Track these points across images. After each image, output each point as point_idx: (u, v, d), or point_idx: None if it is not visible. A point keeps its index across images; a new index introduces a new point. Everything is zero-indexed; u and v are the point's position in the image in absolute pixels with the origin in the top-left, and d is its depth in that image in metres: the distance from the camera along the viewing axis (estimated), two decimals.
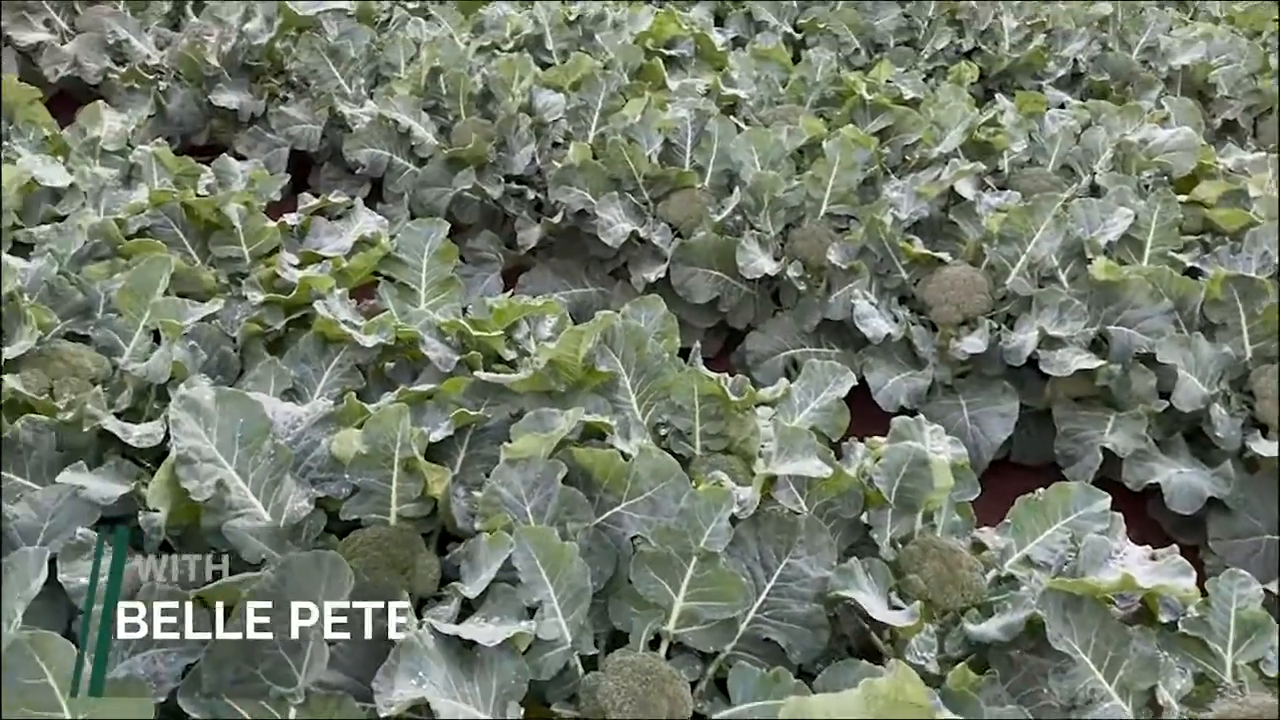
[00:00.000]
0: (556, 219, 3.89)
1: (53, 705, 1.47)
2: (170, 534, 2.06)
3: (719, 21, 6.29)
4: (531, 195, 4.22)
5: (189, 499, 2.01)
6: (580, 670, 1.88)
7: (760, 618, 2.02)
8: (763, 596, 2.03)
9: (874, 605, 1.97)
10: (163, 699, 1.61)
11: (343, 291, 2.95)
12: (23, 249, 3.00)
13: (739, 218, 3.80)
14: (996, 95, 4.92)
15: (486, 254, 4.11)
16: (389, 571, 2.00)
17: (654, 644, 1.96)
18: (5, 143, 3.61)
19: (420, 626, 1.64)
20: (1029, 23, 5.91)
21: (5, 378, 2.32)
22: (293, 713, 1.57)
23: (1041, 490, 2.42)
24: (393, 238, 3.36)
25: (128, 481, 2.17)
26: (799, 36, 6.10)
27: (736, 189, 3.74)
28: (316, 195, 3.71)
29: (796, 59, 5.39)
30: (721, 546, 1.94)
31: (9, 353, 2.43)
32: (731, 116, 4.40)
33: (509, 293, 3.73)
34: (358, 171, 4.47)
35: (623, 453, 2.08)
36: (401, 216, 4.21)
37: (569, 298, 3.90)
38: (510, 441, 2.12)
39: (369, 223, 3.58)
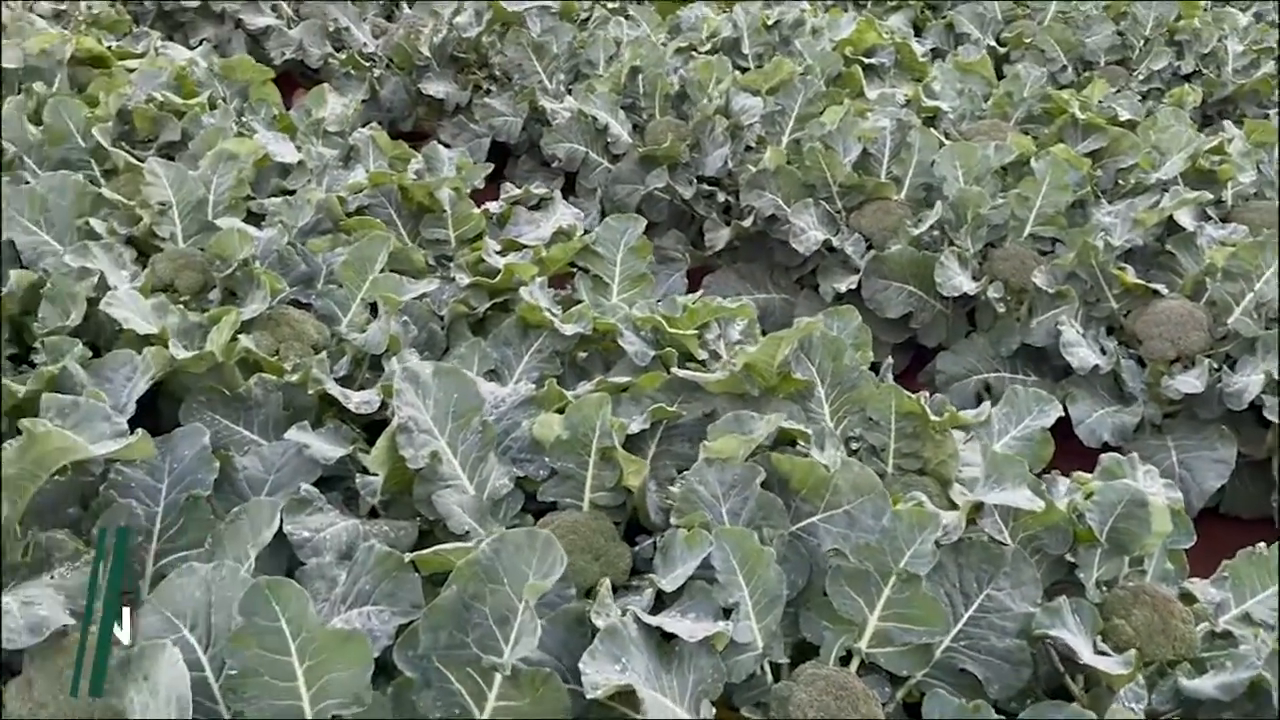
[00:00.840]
0: (747, 222, 3.88)
1: (283, 648, 1.56)
2: (379, 499, 2.16)
3: (918, 31, 6.15)
4: (722, 197, 4.23)
5: (404, 466, 2.10)
6: (769, 677, 1.86)
7: (956, 647, 1.95)
8: (959, 625, 1.96)
9: (1081, 648, 1.88)
10: (375, 654, 1.68)
11: (542, 279, 3.03)
12: (254, 219, 3.21)
13: (936, 233, 3.70)
14: (1224, 122, 4.61)
15: (673, 253, 4.14)
16: (584, 556, 2.03)
17: (844, 660, 1.93)
18: (241, 118, 3.87)
19: (624, 614, 1.66)
20: (1255, 47, 5.51)
21: (240, 336, 2.47)
22: (498, 684, 1.62)
23: (1264, 545, 2.26)
24: (588, 231, 3.43)
25: (346, 444, 2.30)
26: (1002, 50, 5.88)
27: (939, 203, 3.64)
28: (514, 186, 3.82)
29: (999, 74, 5.21)
30: (925, 569, 1.88)
31: (246, 313, 2.60)
32: (930, 129, 4.28)
33: (693, 294, 3.75)
34: (553, 165, 4.59)
35: (823, 464, 2.05)
36: (593, 211, 4.30)
37: (753, 303, 3.87)
38: (707, 440, 2.12)
39: (565, 215, 3.67)
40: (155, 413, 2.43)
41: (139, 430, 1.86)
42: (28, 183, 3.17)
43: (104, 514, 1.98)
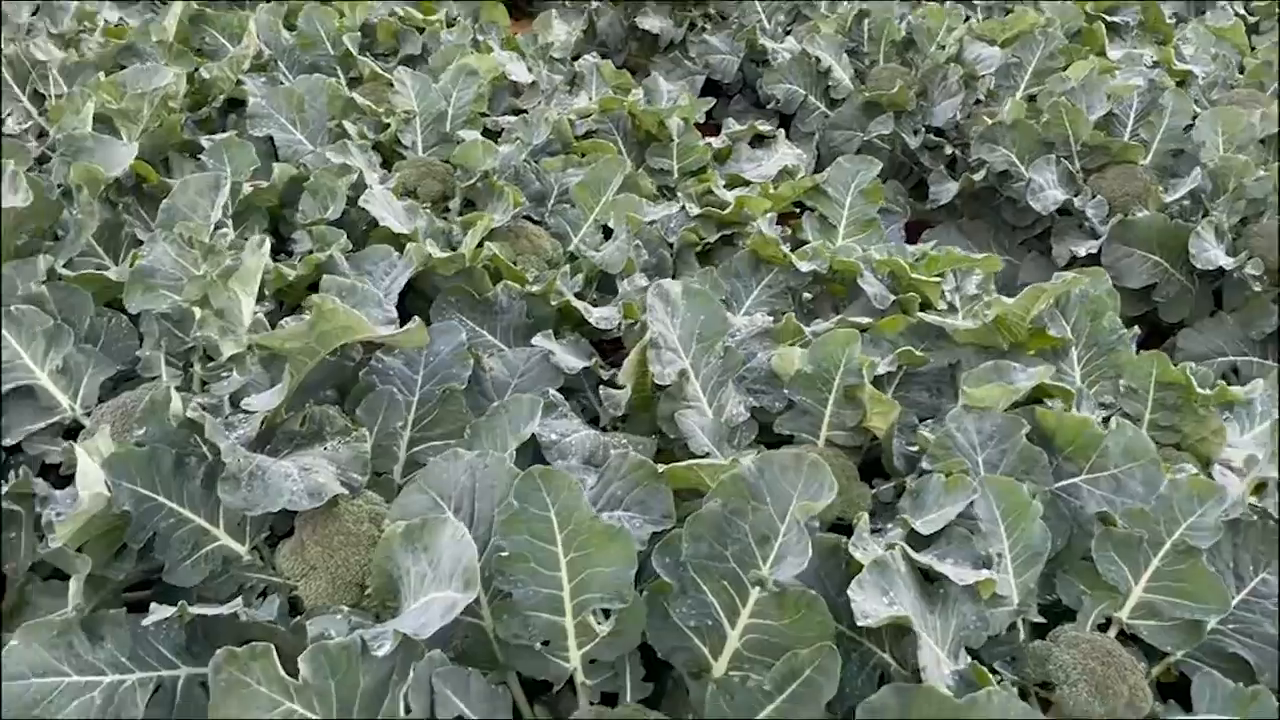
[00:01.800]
0: (978, 176, 3.70)
1: (549, 537, 1.58)
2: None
3: None
4: (948, 150, 4.04)
5: (645, 384, 2.09)
6: (1022, 635, 1.78)
7: (1223, 629, 1.82)
8: (1230, 607, 1.83)
9: None
10: None
11: (772, 215, 2.97)
12: (489, 135, 3.26)
13: (1187, 202, 3.44)
14: None
15: (892, 205, 3.99)
16: None
17: (1101, 628, 1.82)
18: (478, 37, 3.93)
19: (891, 549, 1.61)
20: None
21: (486, 244, 2.51)
22: (753, 600, 1.59)
23: None
24: (815, 172, 3.34)
25: (586, 357, 2.31)
26: (1253, 20, 5.41)
27: (1197, 171, 3.37)
28: (719, 127, 3.77)
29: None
30: (1207, 543, 1.76)
31: (496, 219, 2.64)
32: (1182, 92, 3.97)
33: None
34: (768, 106, 4.49)
35: (1096, 423, 1.93)
36: (808, 156, 4.19)
37: None
38: (966, 387, 2.03)
39: (788, 154, 3.59)
40: (400, 309, 2.51)
41: (415, 319, 1.91)
42: (282, 83, 3.31)
43: (366, 398, 2.05)
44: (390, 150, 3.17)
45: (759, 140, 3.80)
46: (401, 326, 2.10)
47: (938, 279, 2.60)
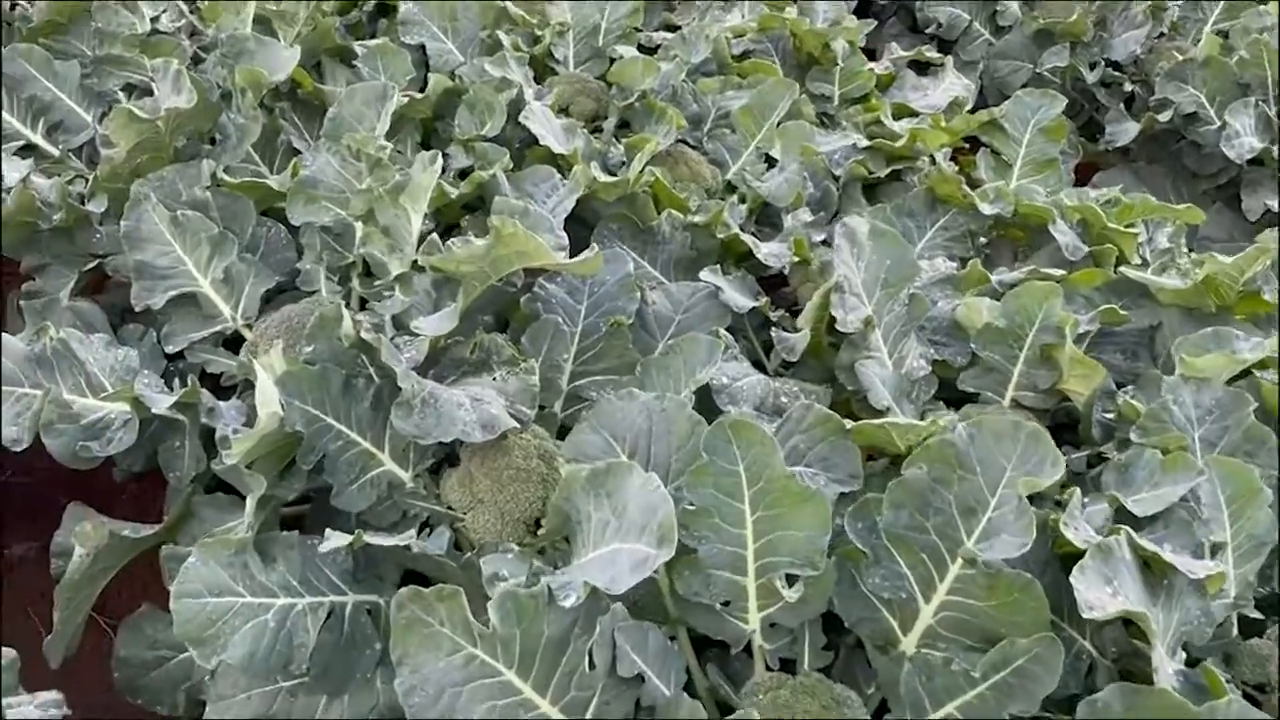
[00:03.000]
0: (1163, 116, 3.41)
1: (736, 493, 1.49)
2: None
3: None
4: (1128, 87, 3.73)
5: (825, 327, 1.97)
6: (1235, 630, 1.63)
7: None
8: None
9: None
10: None
11: (946, 150, 2.77)
12: (644, 51, 3.11)
13: None
14: None
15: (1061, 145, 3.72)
16: None
17: None
18: None
19: (1116, 535, 1.47)
20: None
21: (648, 168, 2.39)
22: (951, 576, 1.48)
23: None
24: (985, 105, 3.11)
25: (753, 295, 2.19)
26: None
27: None
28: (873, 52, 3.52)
29: None
30: None
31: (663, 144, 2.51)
32: None
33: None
34: (927, 30, 4.21)
35: None
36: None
37: None
38: (1183, 354, 1.85)
39: (955, 85, 3.35)
40: None
41: (592, 246, 1.80)
42: None
43: (531, 327, 1.97)
44: (542, 65, 3.05)
45: (922, 68, 3.56)
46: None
47: (1133, 230, 2.39)
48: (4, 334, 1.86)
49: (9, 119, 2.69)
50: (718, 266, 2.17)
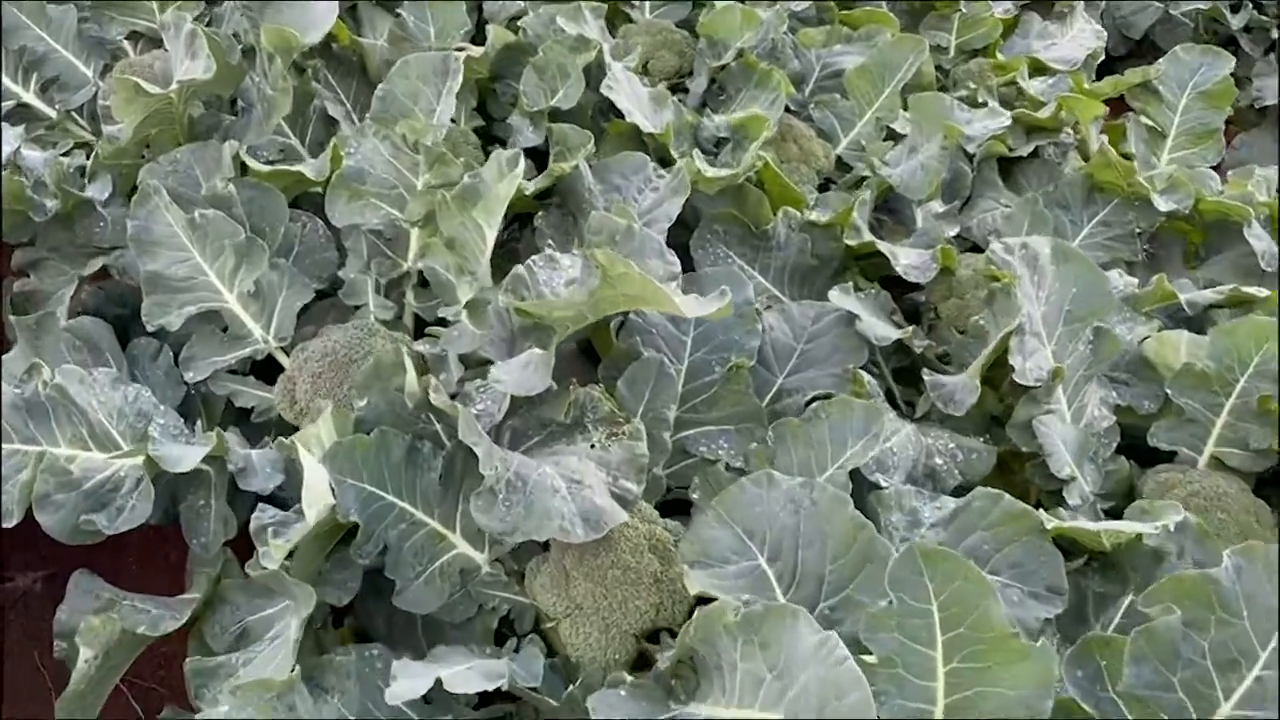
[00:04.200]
0: None
1: (926, 639, 1.14)
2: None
3: None
4: (1276, 33, 3.25)
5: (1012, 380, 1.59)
6: None
7: None
8: None
9: None
10: None
11: (1099, 122, 2.33)
12: None
13: None
14: None
15: None
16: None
17: None
18: None
19: None
20: None
21: (753, 150, 1.97)
22: None
23: None
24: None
25: (886, 317, 1.81)
26: None
27: None
28: None
29: None
30: None
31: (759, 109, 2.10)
32: None
33: None
34: None
35: None
36: None
37: None
38: None
39: (1086, 32, 2.88)
40: None
41: (722, 291, 1.41)
42: None
43: (630, 369, 1.60)
44: (615, 10, 2.61)
45: (1043, 7, 3.08)
46: None
47: None
48: None
49: None
50: (850, 285, 1.77)
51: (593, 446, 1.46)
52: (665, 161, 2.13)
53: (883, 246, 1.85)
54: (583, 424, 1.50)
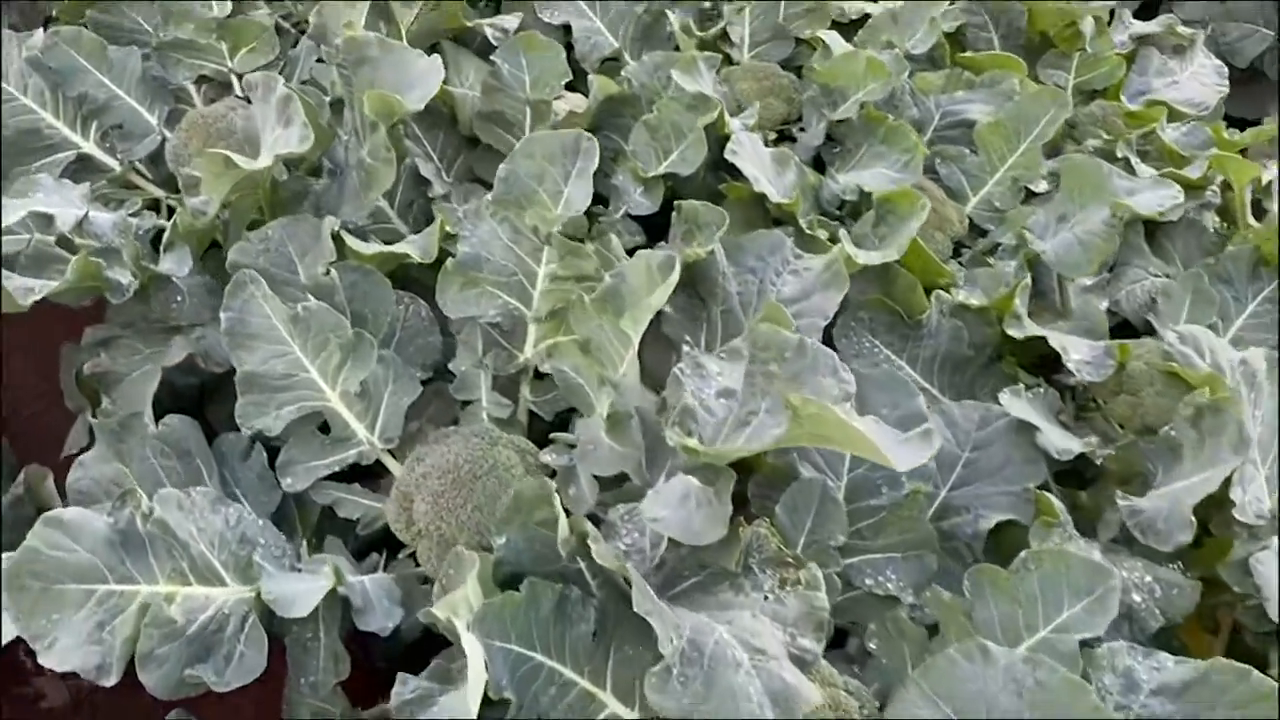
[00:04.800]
0: None
1: None
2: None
3: None
4: None
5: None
6: None
7: None
8: None
9: None
10: None
11: (1252, 184, 2.14)
12: (838, 30, 2.46)
13: None
14: None
15: None
16: None
17: None
18: None
19: None
20: None
21: (907, 233, 1.79)
22: None
23: None
24: None
25: (1054, 417, 1.63)
26: None
27: None
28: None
29: None
30: None
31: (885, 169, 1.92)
32: None
33: None
34: None
35: None
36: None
37: None
38: None
39: (1207, 69, 2.69)
40: None
41: (925, 428, 1.23)
42: None
43: (789, 491, 1.43)
44: (712, 46, 2.42)
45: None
46: None
47: None
48: (79, 508, 1.33)
49: (54, 123, 2.12)
50: (1020, 387, 1.60)
51: (765, 598, 1.28)
52: (779, 222, 1.96)
53: (1053, 340, 1.67)
54: (749, 567, 1.33)
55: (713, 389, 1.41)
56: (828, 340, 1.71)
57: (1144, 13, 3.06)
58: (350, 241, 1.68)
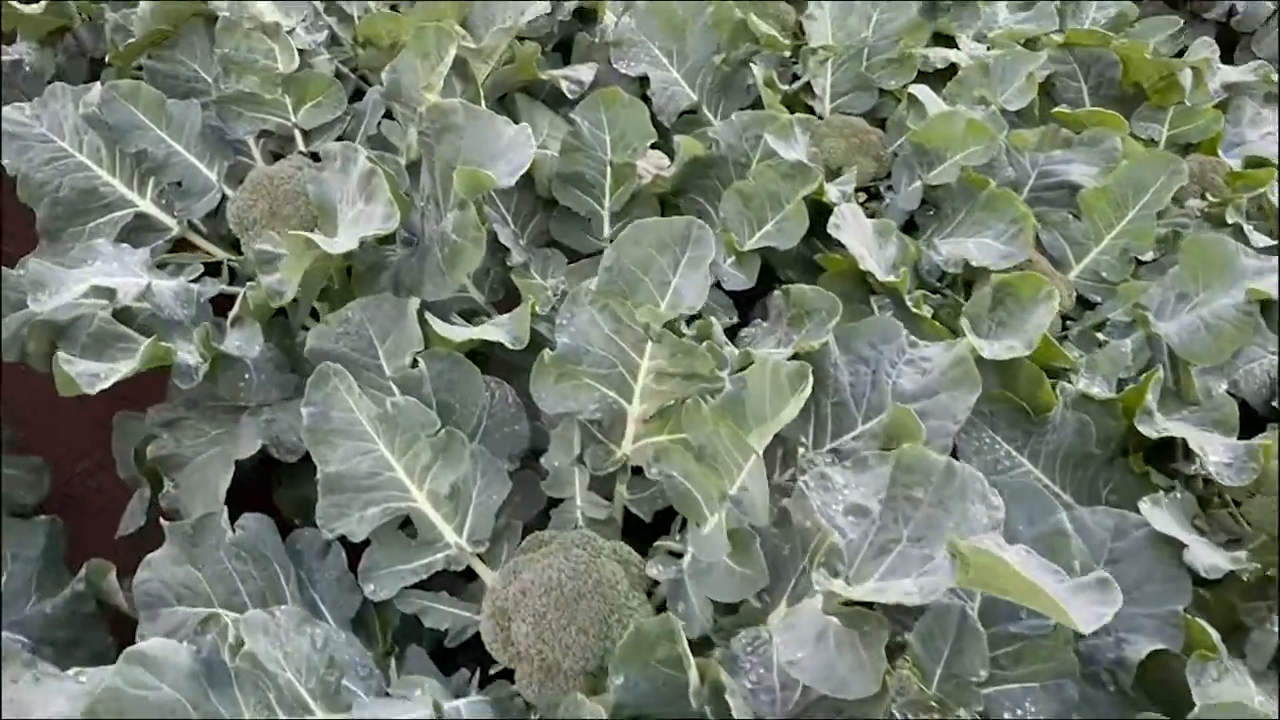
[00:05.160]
0: None
1: None
2: None
3: None
4: None
5: None
6: None
7: None
8: None
9: None
10: None
11: None
12: (924, 81, 2.34)
13: None
14: None
15: None
16: None
17: None
18: None
19: None
20: None
21: (1039, 327, 1.67)
22: None
23: None
24: None
25: (1198, 527, 1.51)
26: None
27: None
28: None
29: None
30: None
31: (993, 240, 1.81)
32: None
33: None
34: (1206, 17, 3.37)
35: None
36: None
37: None
38: None
39: None
40: None
41: (1103, 582, 1.12)
42: None
43: (923, 620, 1.31)
44: (793, 98, 2.31)
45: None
46: None
47: None
48: (161, 640, 1.22)
49: (111, 181, 2.02)
50: (1160, 495, 1.48)
51: None
52: (873, 290, 1.85)
53: (1192, 441, 1.55)
54: (891, 715, 1.22)
55: (840, 504, 1.30)
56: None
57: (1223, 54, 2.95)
58: (436, 326, 1.57)
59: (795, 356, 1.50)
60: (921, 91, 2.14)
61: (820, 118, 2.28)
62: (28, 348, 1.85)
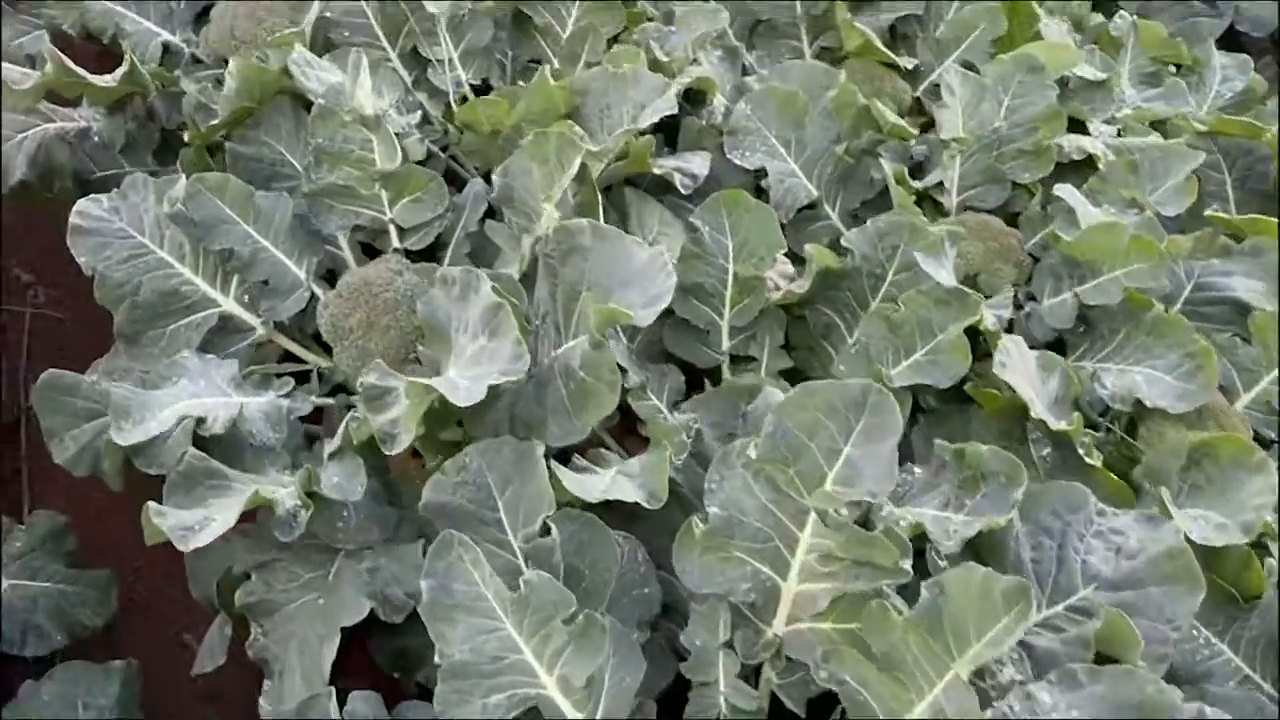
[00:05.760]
0: None
1: None
2: None
3: None
4: None
5: None
6: None
7: None
8: None
9: None
10: None
11: None
12: (1063, 174, 2.16)
13: None
14: None
15: None
16: None
17: None
18: None
19: None
20: None
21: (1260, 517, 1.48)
22: None
23: None
24: None
25: None
26: None
27: None
28: None
29: None
30: None
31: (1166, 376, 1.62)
32: None
33: None
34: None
35: None
36: None
37: None
38: None
39: None
40: None
41: None
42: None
43: None
44: (927, 197, 2.14)
45: None
46: None
47: None
48: None
49: (194, 280, 1.87)
50: None
51: None
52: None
53: None
54: None
55: None
56: None
57: None
58: (567, 481, 1.40)
59: (978, 535, 1.33)
60: (1068, 194, 1.96)
61: (946, 213, 2.11)
62: (101, 464, 1.72)
